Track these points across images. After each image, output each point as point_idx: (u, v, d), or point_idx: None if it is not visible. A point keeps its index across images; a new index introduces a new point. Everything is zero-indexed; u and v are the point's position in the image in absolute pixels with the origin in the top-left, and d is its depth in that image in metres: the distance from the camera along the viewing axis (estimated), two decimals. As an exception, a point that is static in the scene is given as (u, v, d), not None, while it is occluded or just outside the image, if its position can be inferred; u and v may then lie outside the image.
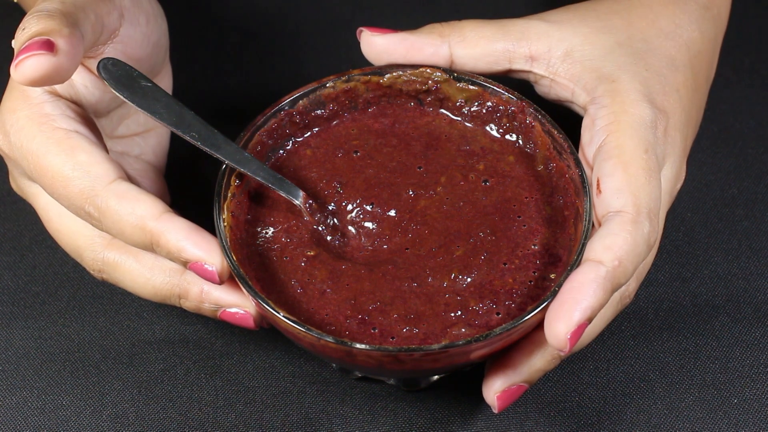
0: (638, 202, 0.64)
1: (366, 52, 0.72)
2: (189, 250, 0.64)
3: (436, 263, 0.67)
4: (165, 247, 0.64)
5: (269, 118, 0.72)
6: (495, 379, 0.65)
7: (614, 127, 0.67)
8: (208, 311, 0.68)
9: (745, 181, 0.83)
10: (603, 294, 0.62)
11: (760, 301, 0.77)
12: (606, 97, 0.68)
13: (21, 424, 0.72)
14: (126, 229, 0.64)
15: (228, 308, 0.68)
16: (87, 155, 0.65)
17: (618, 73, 0.69)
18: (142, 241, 0.64)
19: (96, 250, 0.69)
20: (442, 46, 0.71)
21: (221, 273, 0.64)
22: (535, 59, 0.71)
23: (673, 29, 0.73)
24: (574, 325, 0.61)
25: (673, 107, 0.70)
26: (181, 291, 0.68)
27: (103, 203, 0.64)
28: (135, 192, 0.65)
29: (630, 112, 0.67)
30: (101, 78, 0.67)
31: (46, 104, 0.67)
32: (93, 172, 0.65)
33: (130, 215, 0.64)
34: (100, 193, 0.65)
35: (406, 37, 0.72)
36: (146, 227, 0.64)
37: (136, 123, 0.75)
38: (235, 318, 0.68)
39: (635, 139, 0.66)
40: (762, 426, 0.71)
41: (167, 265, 0.68)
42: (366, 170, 0.71)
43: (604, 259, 0.62)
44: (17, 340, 0.76)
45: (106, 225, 0.65)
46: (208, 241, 0.64)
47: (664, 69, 0.71)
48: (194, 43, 0.91)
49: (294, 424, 0.72)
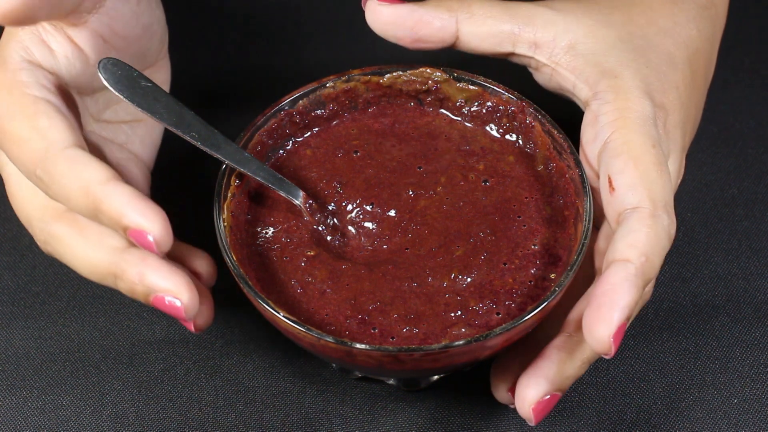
0: (653, 196, 0.64)
1: (371, 22, 0.71)
2: (129, 216, 0.61)
3: (436, 263, 0.67)
4: (107, 212, 0.62)
5: (269, 118, 0.72)
6: (528, 391, 0.64)
7: (620, 123, 0.67)
8: (141, 295, 0.65)
9: (745, 181, 0.83)
10: (636, 291, 0.61)
11: (760, 301, 0.77)
12: (609, 92, 0.68)
13: (21, 424, 0.72)
14: (71, 194, 0.63)
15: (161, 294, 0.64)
16: (48, 120, 0.64)
17: (620, 69, 0.69)
18: (87, 207, 0.62)
19: (45, 221, 0.67)
20: (449, 20, 0.70)
21: (158, 240, 0.61)
22: (539, 47, 0.71)
23: (671, 27, 0.73)
24: (615, 327, 0.60)
25: (672, 104, 0.70)
26: (117, 270, 0.65)
27: (53, 166, 0.63)
28: (86, 158, 0.63)
29: (634, 108, 0.67)
30: (101, 77, 0.66)
31: (23, 71, 0.66)
32: (49, 136, 0.63)
33: (76, 179, 0.62)
34: (51, 156, 0.63)
35: (415, 9, 0.70)
36: (90, 191, 0.62)
37: (125, 111, 0.73)
38: (165, 305, 0.64)
39: (642, 135, 0.66)
40: (762, 426, 0.71)
41: (109, 242, 0.66)
42: (366, 170, 0.71)
43: (631, 257, 0.62)
44: (17, 340, 0.76)
45: (53, 191, 0.63)
46: (151, 208, 0.62)
47: (663, 66, 0.71)
48: (194, 43, 0.91)
49: (294, 424, 0.72)
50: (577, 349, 0.64)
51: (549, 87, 0.73)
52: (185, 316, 0.64)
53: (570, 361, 0.64)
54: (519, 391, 0.64)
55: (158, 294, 0.64)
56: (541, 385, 0.64)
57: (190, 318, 0.64)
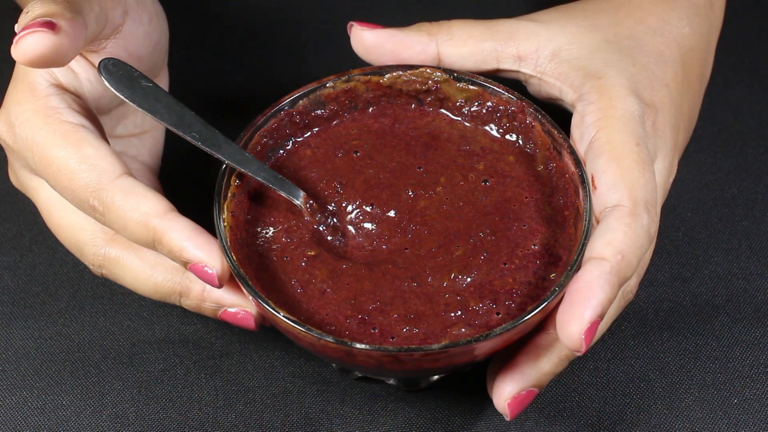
0: (634, 194, 0.64)
1: (355, 47, 0.73)
2: (190, 251, 0.64)
3: (436, 263, 0.67)
4: (167, 245, 0.64)
5: (269, 118, 0.72)
6: (504, 386, 0.65)
7: (603, 123, 0.67)
8: (208, 311, 0.68)
9: (745, 181, 0.83)
10: (610, 289, 0.62)
11: (760, 301, 0.77)
12: (593, 93, 0.69)
13: (21, 424, 0.72)
14: (129, 225, 0.64)
15: (229, 308, 0.68)
16: (93, 149, 0.65)
17: (604, 69, 0.70)
18: (145, 238, 0.64)
19: (98, 245, 0.69)
20: (429, 44, 0.72)
21: (221, 276, 0.64)
22: (523, 59, 0.71)
23: (661, 26, 0.73)
24: (586, 324, 0.61)
25: (662, 102, 0.70)
26: (182, 289, 0.68)
27: (109, 198, 0.64)
28: (141, 188, 0.65)
29: (617, 107, 0.67)
30: (101, 78, 0.67)
31: (53, 97, 0.67)
32: (99, 166, 0.65)
33: (134, 211, 0.64)
34: (105, 187, 0.65)
35: (395, 33, 0.72)
36: (150, 224, 0.64)
37: (134, 124, 0.75)
38: (236, 318, 0.68)
39: (625, 133, 0.66)
40: (762, 426, 0.71)
41: (169, 263, 0.68)
42: (366, 170, 0.71)
43: (606, 255, 0.62)
44: (17, 340, 0.76)
45: (109, 220, 0.65)
46: (209, 242, 0.64)
47: (652, 65, 0.71)
48: (194, 43, 0.91)
49: (294, 424, 0.72)
50: (553, 346, 0.65)
51: (540, 98, 0.73)
52: (254, 325, 0.68)
53: (546, 357, 0.65)
54: (496, 387, 0.65)
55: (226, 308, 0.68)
56: (516, 380, 0.65)
57: (260, 324, 0.68)
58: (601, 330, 0.67)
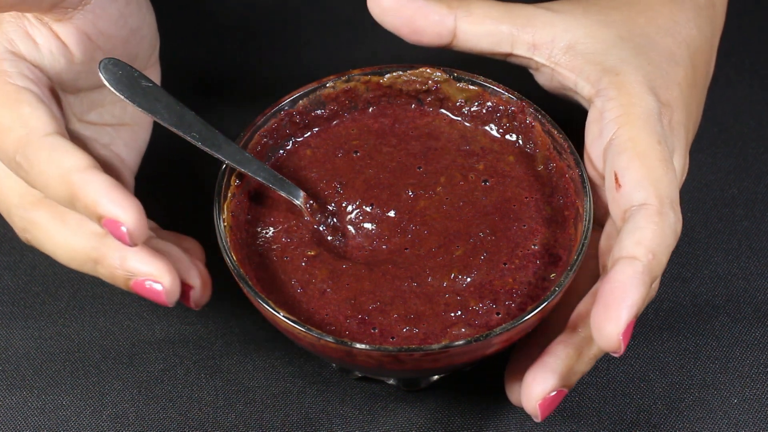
0: (660, 193, 0.64)
1: (372, 8, 0.71)
2: (104, 205, 0.61)
3: (435, 263, 0.67)
4: (83, 200, 0.61)
5: (269, 118, 0.72)
6: (534, 386, 0.64)
7: (624, 120, 0.67)
8: (121, 279, 0.65)
9: (745, 181, 0.83)
10: (644, 289, 0.61)
11: (760, 301, 0.77)
12: (611, 89, 0.68)
13: (21, 424, 0.72)
14: (50, 181, 0.62)
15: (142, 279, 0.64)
16: (31, 109, 0.64)
17: (621, 66, 0.69)
18: (64, 195, 0.62)
19: (25, 208, 0.67)
20: (448, 16, 0.71)
21: (131, 232, 0.61)
22: (538, 48, 0.71)
23: (671, 26, 0.73)
24: (624, 325, 0.60)
25: (676, 101, 0.70)
26: (98, 255, 0.65)
27: (33, 153, 0.63)
28: (67, 145, 0.63)
29: (637, 104, 0.67)
30: (101, 77, 0.66)
31: (6, 62, 0.66)
32: (31, 123, 0.63)
33: (55, 166, 0.62)
34: (32, 143, 0.63)
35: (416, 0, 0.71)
36: (68, 179, 0.62)
37: (111, 114, 0.73)
38: (145, 289, 0.64)
39: (647, 131, 0.66)
40: (762, 426, 0.71)
41: (90, 228, 0.65)
42: (366, 170, 0.71)
43: (637, 254, 0.62)
44: (17, 340, 0.76)
45: (32, 176, 0.63)
46: (128, 199, 0.61)
47: (665, 64, 0.71)
48: (194, 44, 0.91)
49: (294, 424, 0.72)
50: (585, 346, 0.64)
51: (550, 87, 0.73)
52: (166, 300, 0.64)
53: (578, 357, 0.64)
54: (525, 387, 0.64)
55: (138, 278, 0.64)
56: (548, 380, 0.63)
57: (172, 303, 0.64)
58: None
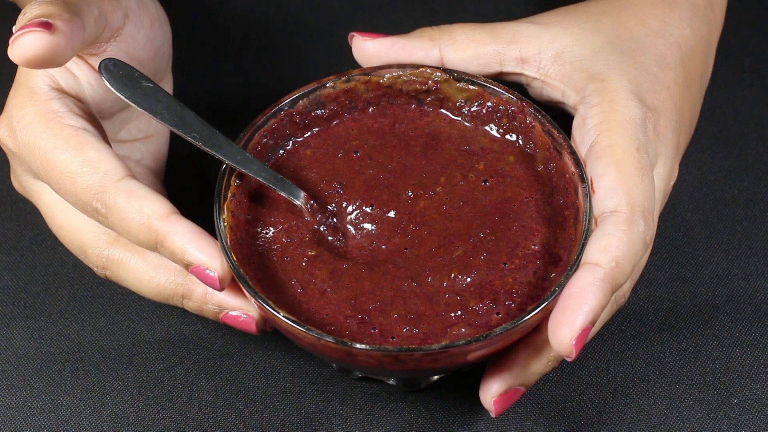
0: (632, 201, 0.64)
1: (357, 57, 0.73)
2: (192, 254, 0.64)
3: (436, 263, 0.67)
4: (169, 248, 0.64)
5: (269, 118, 0.72)
6: (491, 383, 0.65)
7: (605, 126, 0.67)
8: (210, 313, 0.68)
9: (745, 181, 0.83)
10: (603, 296, 0.62)
11: (760, 301, 0.77)
12: (595, 96, 0.69)
13: (21, 424, 0.72)
14: (132, 228, 0.64)
15: (231, 311, 0.68)
16: (96, 152, 0.65)
17: (607, 72, 0.69)
18: (147, 240, 0.65)
19: (101, 247, 0.69)
20: (432, 49, 0.72)
21: (222, 279, 0.64)
22: (526, 61, 0.71)
23: (662, 27, 0.73)
24: (578, 330, 0.61)
25: (664, 105, 0.70)
26: (185, 291, 0.68)
27: (111, 200, 0.65)
28: (143, 191, 0.65)
29: (620, 111, 0.67)
30: (102, 78, 0.67)
31: (54, 101, 0.67)
32: (101, 168, 0.65)
33: (137, 213, 0.64)
34: (108, 190, 0.65)
35: (396, 41, 0.72)
36: (152, 226, 0.64)
37: (137, 129, 0.75)
38: (237, 321, 0.68)
39: (626, 138, 0.66)
40: (762, 426, 0.71)
41: (172, 264, 0.68)
42: (366, 170, 0.71)
43: (601, 261, 0.62)
44: (17, 340, 0.76)
45: (112, 222, 0.65)
46: (211, 245, 0.64)
47: (654, 67, 0.71)
48: (194, 44, 0.91)
49: (294, 424, 0.72)
50: (543, 347, 0.65)
51: (542, 100, 0.73)
52: (256, 329, 0.68)
53: (536, 358, 0.65)
54: (483, 384, 0.66)
55: (229, 312, 0.68)
56: (504, 379, 0.65)
57: (262, 328, 0.68)
58: (591, 335, 0.67)
